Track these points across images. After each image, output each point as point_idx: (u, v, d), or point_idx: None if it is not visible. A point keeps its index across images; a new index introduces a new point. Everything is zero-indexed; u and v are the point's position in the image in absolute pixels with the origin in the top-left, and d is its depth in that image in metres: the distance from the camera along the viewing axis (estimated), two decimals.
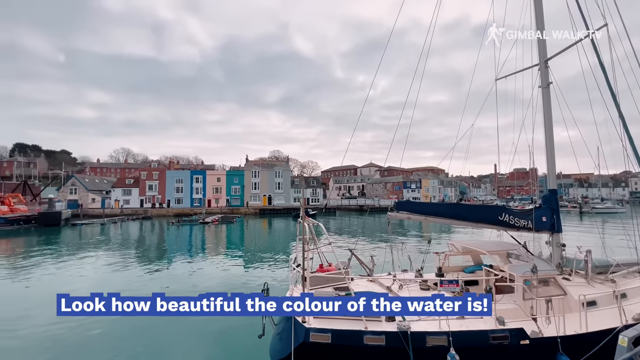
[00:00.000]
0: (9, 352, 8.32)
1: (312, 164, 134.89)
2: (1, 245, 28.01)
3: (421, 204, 9.91)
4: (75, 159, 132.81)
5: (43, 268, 18.05)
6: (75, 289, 13.67)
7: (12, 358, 8.06)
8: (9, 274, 16.77)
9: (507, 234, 9.05)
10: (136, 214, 56.94)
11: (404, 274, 9.64)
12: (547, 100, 9.33)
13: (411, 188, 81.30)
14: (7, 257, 22.20)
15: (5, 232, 36.49)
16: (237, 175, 70.05)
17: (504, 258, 8.57)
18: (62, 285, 14.47)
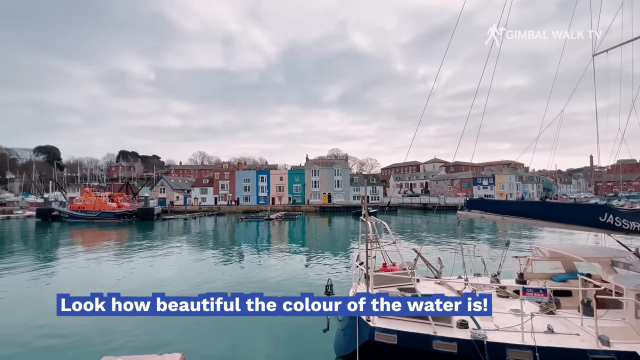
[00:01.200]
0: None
1: (371, 162, 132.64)
2: (113, 234, 33.98)
3: (498, 202, 8.94)
4: (163, 163, 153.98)
5: (143, 253, 21.36)
6: (163, 274, 15.85)
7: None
8: (118, 258, 20.25)
9: (611, 238, 7.57)
10: (211, 211, 63.43)
11: (477, 279, 8.84)
12: None
13: (482, 185, 73.91)
14: (118, 244, 26.85)
15: (114, 224, 44.19)
16: (298, 174, 72.78)
17: (608, 267, 7.20)
18: (155, 270, 16.92)
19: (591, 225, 7.46)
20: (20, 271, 16.96)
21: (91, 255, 21.81)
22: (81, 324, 9.13)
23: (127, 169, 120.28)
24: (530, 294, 5.52)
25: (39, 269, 17.64)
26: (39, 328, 9.31)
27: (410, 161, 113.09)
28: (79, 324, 9.14)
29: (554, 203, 8.69)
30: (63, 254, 22.36)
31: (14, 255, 22.16)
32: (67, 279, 15.81)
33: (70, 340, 8.51)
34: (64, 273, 16.86)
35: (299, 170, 75.05)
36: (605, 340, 5.18)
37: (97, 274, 16.37)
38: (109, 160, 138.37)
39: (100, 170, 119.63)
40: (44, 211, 50.97)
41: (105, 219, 47.73)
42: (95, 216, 48.08)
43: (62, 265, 18.79)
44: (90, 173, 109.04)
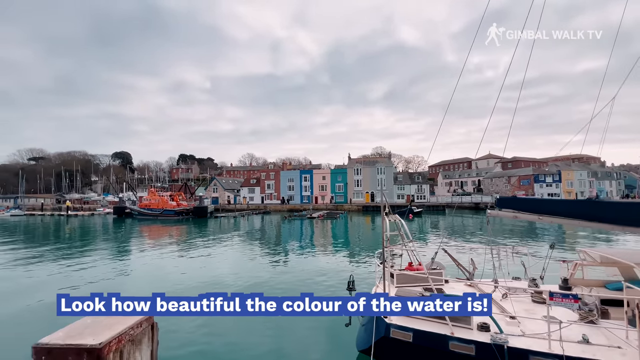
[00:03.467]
0: None
1: (417, 159, 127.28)
2: (173, 230, 37.85)
3: (534, 200, 8.16)
4: (216, 164, 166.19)
5: (199, 248, 23.58)
6: (215, 268, 17.35)
7: None
8: (176, 252, 22.62)
9: None
10: (258, 209, 66.85)
11: (514, 282, 8.25)
12: None
13: (546, 182, 66.33)
14: (177, 239, 29.93)
15: (174, 221, 49.08)
16: (340, 174, 73.06)
17: (630, 272, 6.26)
18: (207, 264, 18.60)
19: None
20: (101, 258, 19.95)
21: (155, 249, 24.70)
22: None
23: (185, 170, 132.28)
24: (557, 299, 5.10)
25: (112, 258, 20.55)
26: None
27: (461, 158, 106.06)
28: None
29: (608, 202, 7.72)
30: (134, 247, 25.71)
31: (95, 245, 26.08)
32: (132, 269, 18.19)
33: None
34: (133, 264, 19.41)
35: (342, 169, 75.28)
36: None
37: (157, 266, 18.56)
38: (170, 163, 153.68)
39: (163, 172, 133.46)
40: (119, 209, 58.68)
41: (167, 216, 53.23)
42: (159, 213, 53.90)
43: (134, 256, 21.66)
44: (155, 175, 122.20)
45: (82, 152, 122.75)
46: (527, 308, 6.50)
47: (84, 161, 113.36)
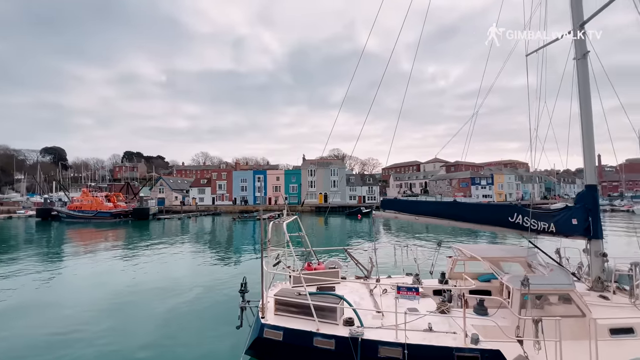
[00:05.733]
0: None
1: (372, 161, 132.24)
2: (107, 234, 34.68)
3: (411, 202, 8.97)
4: (167, 163, 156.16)
5: (132, 254, 21.85)
6: (145, 279, 16.23)
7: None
8: (106, 259, 20.75)
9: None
10: (208, 210, 64.17)
11: (405, 278, 8.92)
12: (584, 74, 7.53)
13: (481, 184, 73.11)
14: (109, 244, 27.46)
15: (110, 224, 45.06)
16: (294, 174, 73.10)
17: (498, 265, 7.24)
18: (138, 272, 17.33)
19: (502, 225, 7.52)
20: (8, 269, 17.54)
21: (80, 257, 22.40)
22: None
23: (131, 169, 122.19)
24: (403, 292, 5.61)
25: (29, 267, 18.21)
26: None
27: (411, 161, 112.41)
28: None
29: (467, 203, 8.73)
30: (55, 254, 23.02)
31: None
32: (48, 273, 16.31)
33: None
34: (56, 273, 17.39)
35: (296, 170, 75.38)
36: (475, 338, 5.25)
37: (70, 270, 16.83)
38: (114, 161, 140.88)
39: (104, 170, 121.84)
40: (43, 211, 52.26)
41: (102, 218, 48.71)
42: (92, 216, 49.11)
43: (55, 264, 19.40)
44: (95, 174, 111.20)
45: (3, 147, 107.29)
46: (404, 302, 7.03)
47: (5, 157, 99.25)
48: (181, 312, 10.74)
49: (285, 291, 6.81)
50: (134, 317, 10.38)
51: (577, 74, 7.56)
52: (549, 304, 6.30)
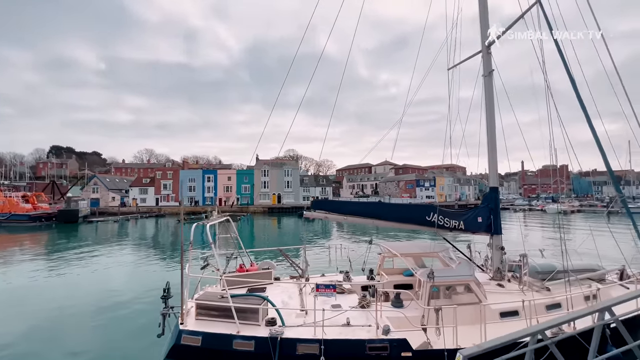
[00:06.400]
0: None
1: (327, 163, 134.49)
2: (23, 240, 30.13)
3: (339, 202, 9.44)
4: (105, 160, 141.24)
5: (53, 264, 19.19)
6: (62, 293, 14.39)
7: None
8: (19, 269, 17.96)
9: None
10: (151, 212, 59.47)
11: (338, 276, 9.23)
12: (489, 90, 8.56)
13: (425, 186, 78.73)
14: (26, 250, 23.85)
15: (27, 228, 39.31)
16: (247, 175, 71.22)
17: (419, 260, 7.96)
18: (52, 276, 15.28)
19: (420, 223, 8.20)
20: None
21: None
22: None
23: (58, 166, 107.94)
24: (322, 290, 5.83)
25: None
26: None
27: (363, 163, 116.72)
28: None
29: (389, 204, 9.41)
30: None
31: None
32: None
33: None
34: None
35: (248, 170, 73.52)
36: (386, 329, 5.64)
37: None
38: (37, 157, 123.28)
39: (26, 167, 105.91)
40: None
41: (17, 221, 42.28)
42: (4, 219, 42.37)
43: None
44: (11, 170, 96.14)
45: None
46: (326, 299, 7.27)
47: None
48: (100, 323, 9.82)
49: (209, 295, 6.63)
50: (50, 333, 9.21)
51: (484, 89, 8.58)
52: (456, 293, 7.02)
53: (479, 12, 8.69)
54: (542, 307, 6.57)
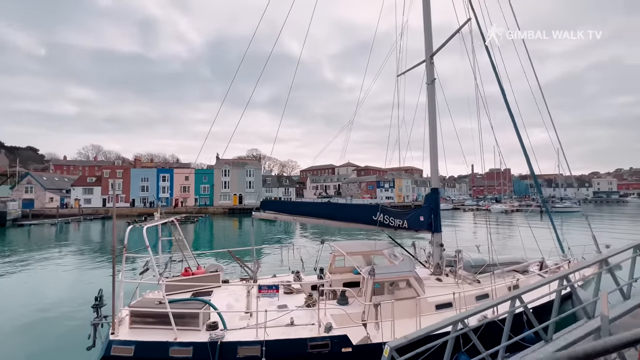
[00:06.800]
0: None
1: (292, 163, 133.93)
2: None
3: (289, 203, 9.54)
4: (42, 156, 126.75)
5: None
6: None
7: None
8: None
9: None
10: (96, 214, 54.52)
11: (290, 276, 9.23)
12: (431, 97, 9.13)
13: (384, 187, 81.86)
14: None
15: None
16: (206, 174, 68.35)
17: (368, 258, 8.30)
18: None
19: (367, 223, 8.51)
20: None
21: None
22: None
23: None
24: (264, 291, 5.82)
25: None
26: None
27: (327, 164, 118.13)
28: None
29: (337, 204, 9.69)
30: None
31: None
32: None
33: None
34: None
35: (208, 170, 70.65)
36: (328, 327, 5.77)
37: None
38: None
39: None
40: None
41: None
42: None
43: None
44: None
45: None
46: (272, 300, 7.24)
47: None
48: (26, 338, 8.80)
49: (146, 302, 6.27)
50: None
51: (427, 98, 9.16)
52: (398, 288, 7.38)
53: (424, 25, 9.27)
54: (472, 298, 7.17)
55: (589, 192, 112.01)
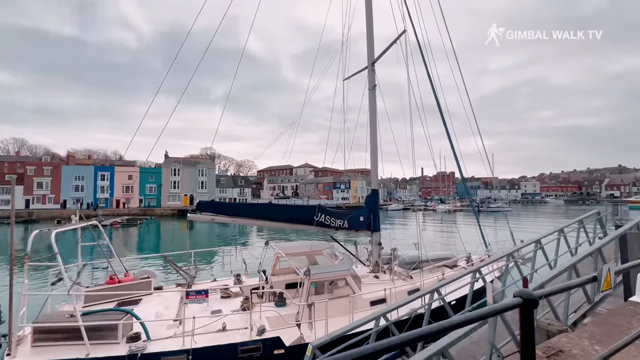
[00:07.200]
0: None
1: (249, 163, 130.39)
2: None
3: (227, 204, 9.37)
4: None
5: None
6: None
7: None
8: None
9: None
10: (17, 216, 47.55)
11: (230, 280, 8.94)
12: (372, 102, 9.52)
13: (341, 189, 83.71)
14: None
15: None
16: (152, 173, 63.58)
17: (313, 259, 8.42)
18: None
19: (309, 223, 8.59)
20: None
21: None
22: None
23: None
24: (192, 297, 5.57)
25: None
26: None
27: (285, 165, 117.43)
28: None
29: (277, 205, 9.73)
30: None
31: None
32: None
33: None
34: None
35: (155, 168, 65.83)
36: (261, 330, 5.68)
37: None
38: None
39: None
40: None
41: None
42: None
43: None
44: None
45: None
46: (204, 306, 6.93)
47: None
48: None
49: (55, 315, 5.61)
50: None
51: (369, 103, 9.54)
52: (337, 287, 7.55)
53: (366, 33, 9.65)
54: (404, 293, 7.61)
55: (518, 193, 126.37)
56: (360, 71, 10.14)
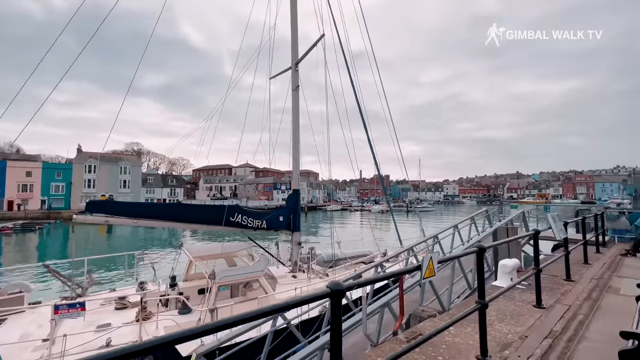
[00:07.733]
0: None
1: (183, 162, 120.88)
2: None
3: (124, 203, 8.58)
4: None
5: None
6: None
7: None
8: None
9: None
10: None
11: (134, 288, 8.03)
12: (295, 102, 9.57)
13: (281, 189, 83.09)
14: None
15: None
16: (60, 170, 54.56)
17: (231, 261, 8.11)
18: None
19: (221, 224, 8.24)
20: None
21: None
22: None
23: None
24: (64, 311, 4.83)
25: None
26: None
27: (223, 164, 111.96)
28: None
29: (188, 204, 9.26)
30: None
31: None
32: None
33: None
34: None
35: (64, 164, 56.71)
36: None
37: None
38: None
39: None
40: None
41: None
42: None
43: None
44: None
45: None
46: (100, 318, 6.10)
47: None
48: None
49: None
50: None
51: (292, 103, 9.57)
52: (251, 289, 7.34)
53: (291, 34, 9.68)
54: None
55: (441, 195, 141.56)
56: (285, 71, 10.12)
